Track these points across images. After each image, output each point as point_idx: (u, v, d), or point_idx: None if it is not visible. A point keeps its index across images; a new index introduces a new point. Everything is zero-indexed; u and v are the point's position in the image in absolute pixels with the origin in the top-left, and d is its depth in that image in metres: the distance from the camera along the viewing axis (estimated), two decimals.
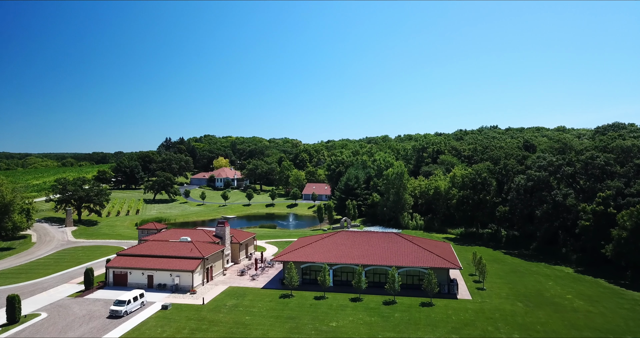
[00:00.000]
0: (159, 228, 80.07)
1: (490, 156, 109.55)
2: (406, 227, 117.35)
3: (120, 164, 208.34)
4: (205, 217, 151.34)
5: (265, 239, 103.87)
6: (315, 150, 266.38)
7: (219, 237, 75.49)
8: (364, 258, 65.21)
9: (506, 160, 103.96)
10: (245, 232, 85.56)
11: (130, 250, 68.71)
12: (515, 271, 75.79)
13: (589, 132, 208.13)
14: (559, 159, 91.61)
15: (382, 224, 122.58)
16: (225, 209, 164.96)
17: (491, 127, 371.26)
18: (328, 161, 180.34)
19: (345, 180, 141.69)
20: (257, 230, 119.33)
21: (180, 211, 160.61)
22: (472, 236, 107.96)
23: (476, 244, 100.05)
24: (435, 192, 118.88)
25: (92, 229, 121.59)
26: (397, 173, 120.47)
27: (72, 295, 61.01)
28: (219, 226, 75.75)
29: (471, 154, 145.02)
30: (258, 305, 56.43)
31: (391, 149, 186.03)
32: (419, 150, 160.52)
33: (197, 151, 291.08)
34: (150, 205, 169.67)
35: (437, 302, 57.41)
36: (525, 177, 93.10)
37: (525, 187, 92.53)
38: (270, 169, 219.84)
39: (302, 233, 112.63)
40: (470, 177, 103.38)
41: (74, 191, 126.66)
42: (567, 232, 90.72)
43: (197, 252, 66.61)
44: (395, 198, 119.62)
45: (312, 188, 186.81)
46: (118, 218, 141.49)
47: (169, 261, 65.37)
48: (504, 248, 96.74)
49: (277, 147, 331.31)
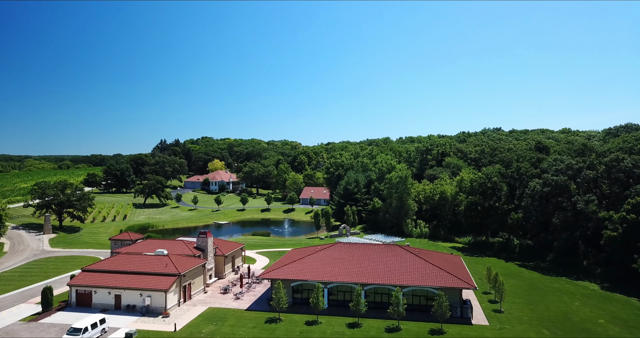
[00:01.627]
0: (134, 238, 71.67)
1: (501, 159, 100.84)
2: (410, 235, 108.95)
3: (111, 166, 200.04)
4: (197, 223, 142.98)
5: (256, 249, 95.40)
6: (315, 153, 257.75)
7: (200, 249, 67.18)
8: (363, 275, 56.84)
9: (519, 163, 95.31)
10: (231, 242, 77.12)
11: (97, 265, 60.39)
12: (535, 288, 67.31)
13: (599, 134, 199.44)
14: (578, 161, 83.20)
15: (384, 232, 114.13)
16: (218, 214, 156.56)
17: (494, 129, 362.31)
18: (327, 164, 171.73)
19: (344, 184, 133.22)
20: (249, 239, 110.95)
21: (170, 216, 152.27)
22: (481, 245, 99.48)
23: (486, 255, 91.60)
24: (441, 197, 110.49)
25: (72, 237, 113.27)
26: (400, 176, 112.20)
27: (25, 318, 52.67)
28: (200, 237, 67.45)
29: (478, 156, 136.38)
30: (239, 332, 48.13)
31: (393, 151, 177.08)
32: (423, 152, 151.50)
33: (193, 153, 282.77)
34: (139, 210, 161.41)
35: (448, 328, 49.03)
36: (541, 181, 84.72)
37: (542, 192, 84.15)
38: (267, 171, 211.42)
39: (297, 242, 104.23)
40: (480, 181, 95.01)
41: (54, 196, 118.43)
42: (587, 243, 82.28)
43: (172, 267, 58.29)
44: (398, 204, 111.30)
45: (310, 192, 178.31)
46: (102, 225, 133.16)
47: (139, 278, 57.04)
48: (518, 259, 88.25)
49: (276, 149, 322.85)
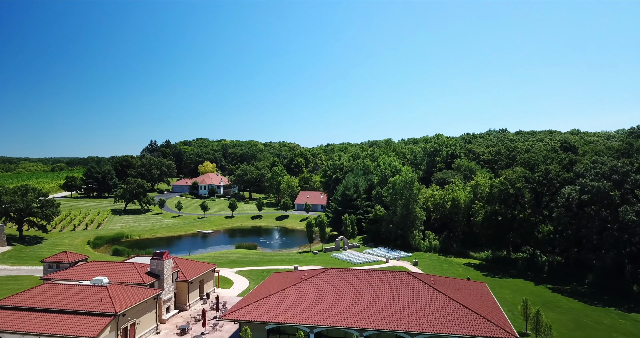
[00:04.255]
0: (73, 260, 57.00)
1: (525, 160, 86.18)
2: (417, 249, 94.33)
3: (92, 169, 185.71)
4: (178, 232, 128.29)
5: (236, 266, 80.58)
6: (312, 154, 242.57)
7: (154, 275, 52.65)
8: (362, 316, 42.22)
9: (547, 165, 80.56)
10: (201, 263, 62.45)
11: (11, 300, 45.76)
12: (582, 325, 52.58)
13: (620, 135, 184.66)
14: (625, 163, 68.50)
15: (388, 244, 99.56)
16: (203, 222, 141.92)
17: (500, 130, 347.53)
18: (324, 166, 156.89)
19: (342, 189, 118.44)
20: (230, 253, 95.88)
21: (149, 224, 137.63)
22: (502, 262, 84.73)
23: (509, 274, 76.90)
24: (453, 205, 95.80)
25: (29, 249, 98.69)
26: (406, 181, 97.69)
27: None
28: (154, 260, 52.88)
29: (492, 157, 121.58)
30: None
31: (396, 153, 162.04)
32: (431, 154, 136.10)
33: (185, 155, 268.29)
34: (118, 217, 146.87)
35: None
36: (578, 188, 70.05)
37: (579, 201, 69.52)
38: (260, 174, 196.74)
39: (285, 258, 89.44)
40: (501, 187, 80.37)
41: (11, 202, 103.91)
42: (635, 262, 67.64)
43: (109, 303, 43.65)
44: (404, 212, 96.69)
45: (305, 197, 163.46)
46: (70, 235, 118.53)
47: (62, 320, 42.41)
48: (548, 281, 73.48)
49: (273, 151, 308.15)
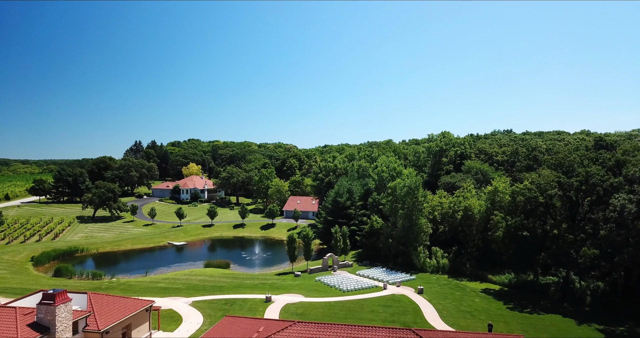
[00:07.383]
0: None
1: (558, 161, 69.45)
2: (422, 269, 77.66)
3: (62, 171, 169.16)
4: (145, 244, 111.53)
5: (195, 295, 63.61)
6: (307, 156, 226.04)
7: (43, 327, 36.08)
8: None
9: (586, 168, 63.90)
10: (131, 300, 45.51)
11: None
12: None
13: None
14: None
15: (386, 263, 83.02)
16: (177, 232, 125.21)
17: (505, 131, 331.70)
18: (315, 168, 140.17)
19: (333, 195, 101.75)
20: (194, 275, 78.25)
21: (115, 234, 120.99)
22: (528, 288, 67.81)
23: (540, 307, 60.10)
24: (465, 215, 79.25)
25: None
26: (409, 186, 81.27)
27: None
28: (42, 305, 36.27)
29: (509, 158, 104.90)
30: None
31: (397, 154, 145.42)
32: (436, 154, 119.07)
33: (171, 156, 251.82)
34: (82, 226, 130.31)
35: None
36: (635, 197, 53.51)
37: (636, 214, 53.01)
38: (248, 177, 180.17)
39: (260, 282, 72.51)
40: (529, 194, 63.78)
41: None
42: None
43: None
44: (406, 224, 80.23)
45: (295, 203, 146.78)
46: (17, 248, 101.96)
47: None
48: (593, 317, 56.60)
49: (266, 152, 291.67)
